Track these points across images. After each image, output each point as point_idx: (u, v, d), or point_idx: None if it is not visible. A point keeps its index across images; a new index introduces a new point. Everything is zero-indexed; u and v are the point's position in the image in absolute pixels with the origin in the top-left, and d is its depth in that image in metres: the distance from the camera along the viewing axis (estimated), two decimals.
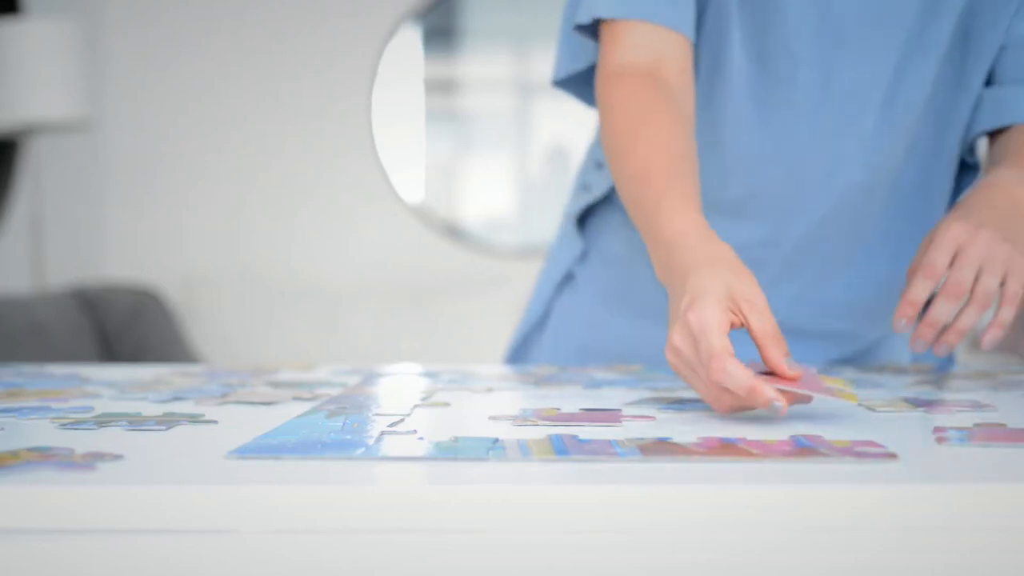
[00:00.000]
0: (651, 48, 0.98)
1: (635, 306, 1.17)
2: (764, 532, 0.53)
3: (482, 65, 3.73)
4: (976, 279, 0.89)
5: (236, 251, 3.52)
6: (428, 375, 1.02)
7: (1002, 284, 0.89)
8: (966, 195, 0.97)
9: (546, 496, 0.53)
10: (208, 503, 0.53)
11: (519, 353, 1.25)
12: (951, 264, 0.90)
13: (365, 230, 3.53)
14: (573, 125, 3.53)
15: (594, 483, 0.54)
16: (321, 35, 3.51)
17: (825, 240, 1.08)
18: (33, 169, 2.98)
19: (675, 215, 0.85)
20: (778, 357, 0.74)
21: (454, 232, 3.55)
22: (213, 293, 3.41)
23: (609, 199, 1.19)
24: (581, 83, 1.10)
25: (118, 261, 3.51)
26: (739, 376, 0.70)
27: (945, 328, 0.91)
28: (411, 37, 3.56)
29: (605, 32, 1.01)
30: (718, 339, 0.72)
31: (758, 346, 0.75)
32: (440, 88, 3.70)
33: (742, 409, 0.73)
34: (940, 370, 1.10)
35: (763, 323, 0.75)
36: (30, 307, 2.61)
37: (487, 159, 3.77)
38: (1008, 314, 0.90)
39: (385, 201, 3.52)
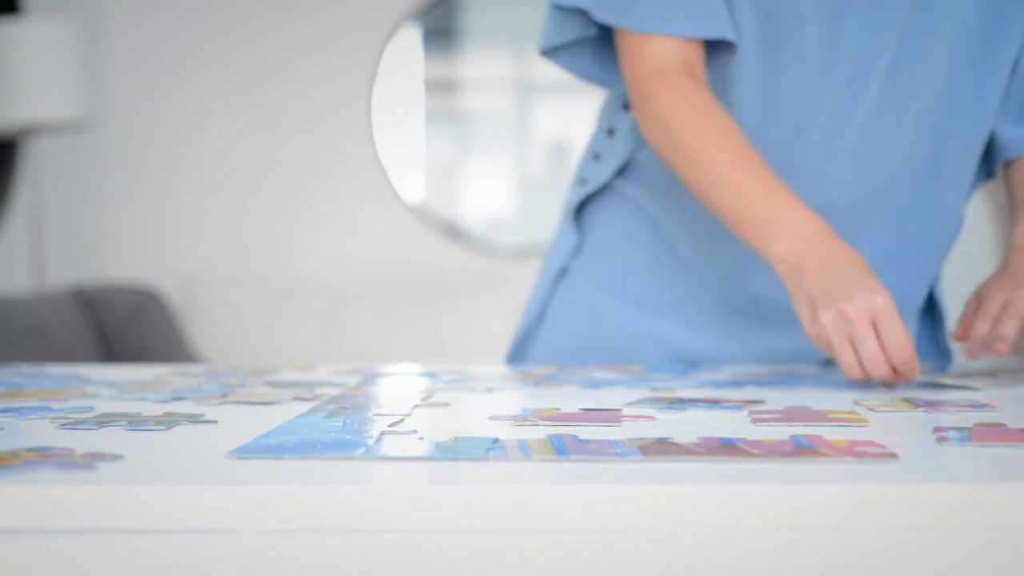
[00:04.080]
0: (679, 47, 1.03)
1: (630, 295, 1.17)
2: (764, 532, 0.53)
3: (482, 65, 3.73)
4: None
5: (236, 251, 3.53)
6: (428, 375, 1.02)
7: None
8: (1003, 264, 1.07)
9: (546, 496, 0.53)
10: (208, 503, 0.53)
11: (519, 351, 1.26)
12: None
13: (365, 230, 3.54)
14: (573, 125, 3.53)
15: (594, 483, 0.54)
16: (321, 35, 3.51)
17: (829, 210, 1.06)
18: (33, 169, 2.97)
19: (794, 207, 0.96)
20: None
21: (454, 232, 3.56)
22: (213, 293, 3.41)
23: (606, 189, 1.19)
24: (568, 54, 1.12)
25: (118, 261, 3.51)
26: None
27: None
28: (411, 37, 3.56)
29: (626, 34, 1.04)
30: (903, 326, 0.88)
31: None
32: (440, 88, 3.70)
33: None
34: (939, 369, 1.11)
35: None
36: (30, 307, 2.61)
37: (487, 159, 3.77)
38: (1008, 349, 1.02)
39: (385, 201, 3.52)
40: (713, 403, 0.80)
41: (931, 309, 1.23)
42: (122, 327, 2.93)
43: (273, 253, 3.53)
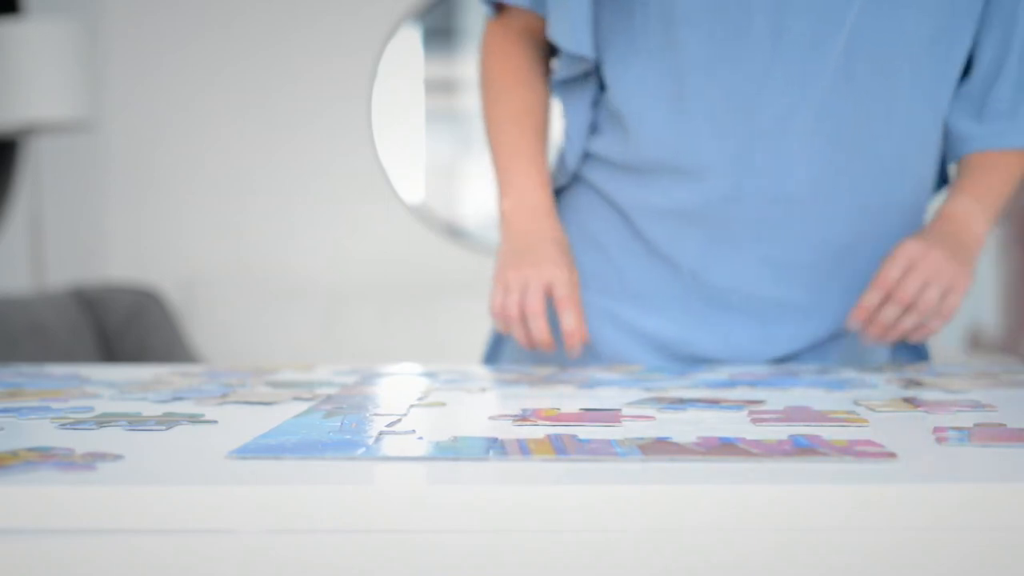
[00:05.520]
0: (529, 21, 1.18)
1: (602, 285, 1.18)
2: (764, 532, 0.53)
3: None
4: (922, 292, 1.05)
5: (236, 251, 3.53)
6: (427, 375, 1.02)
7: (944, 298, 1.06)
8: (926, 225, 1.11)
9: (546, 496, 0.53)
10: (208, 503, 0.53)
11: (494, 351, 1.26)
12: (904, 277, 1.05)
13: (365, 230, 3.54)
14: None
15: (594, 483, 0.54)
16: (321, 35, 3.51)
17: (786, 199, 1.09)
18: (33, 169, 2.98)
19: (530, 175, 1.15)
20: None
21: (454, 232, 3.56)
22: (213, 293, 3.41)
23: (576, 181, 1.21)
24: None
25: (118, 261, 3.51)
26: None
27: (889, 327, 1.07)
28: (411, 37, 3.56)
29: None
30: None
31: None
32: (440, 88, 3.70)
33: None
34: (916, 359, 1.18)
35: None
36: (30, 307, 2.61)
37: (487, 159, 3.77)
38: (938, 324, 1.08)
39: (385, 201, 3.52)
40: (713, 403, 0.80)
41: None
42: (122, 327, 2.93)
43: (273, 253, 3.53)
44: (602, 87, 1.16)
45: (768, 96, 1.06)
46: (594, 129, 1.17)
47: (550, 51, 1.23)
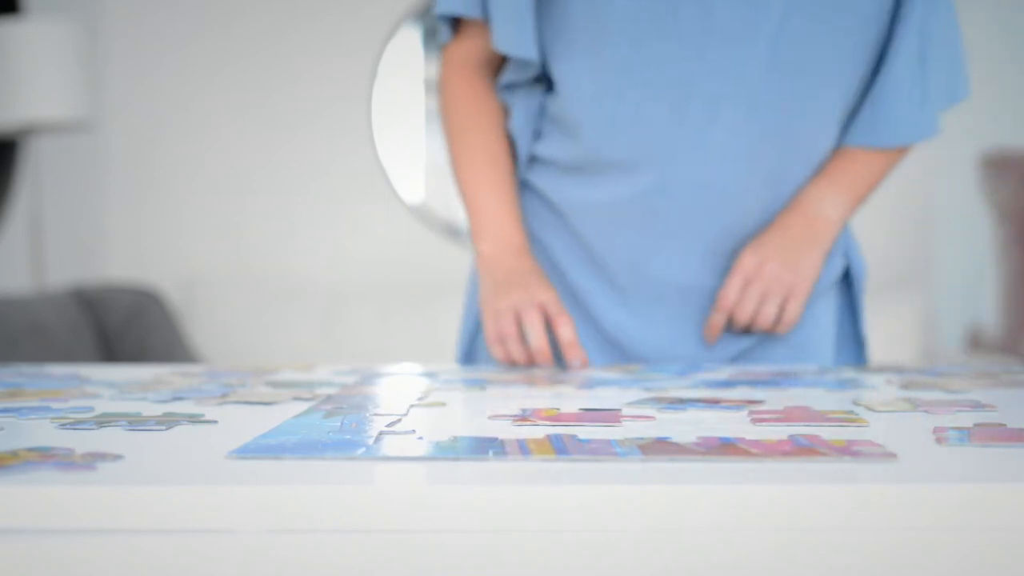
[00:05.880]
0: (486, 46, 1.18)
1: (554, 281, 1.19)
2: (763, 532, 0.53)
3: None
4: (760, 306, 1.11)
5: (236, 251, 3.53)
6: (427, 375, 1.02)
7: (783, 309, 1.12)
8: (778, 216, 1.14)
9: (546, 496, 0.53)
10: (208, 503, 0.53)
11: (468, 357, 1.26)
12: (742, 294, 1.11)
13: (365, 230, 3.53)
14: None
15: (594, 483, 0.54)
16: (321, 35, 3.51)
17: (713, 189, 1.11)
18: (33, 169, 2.98)
19: (504, 216, 1.16)
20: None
21: (454, 232, 3.55)
22: (213, 293, 3.41)
23: (523, 185, 1.23)
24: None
25: (118, 261, 3.51)
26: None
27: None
28: (411, 37, 3.56)
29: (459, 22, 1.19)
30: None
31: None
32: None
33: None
34: (859, 359, 1.23)
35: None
36: (30, 307, 2.61)
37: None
38: (784, 330, 1.13)
39: (385, 201, 3.52)
40: (713, 403, 0.80)
41: (848, 288, 1.25)
42: (122, 327, 2.93)
43: (273, 253, 3.53)
44: (549, 90, 1.19)
45: (697, 87, 1.08)
46: (538, 135, 1.20)
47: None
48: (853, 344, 1.24)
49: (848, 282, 1.24)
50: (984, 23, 3.88)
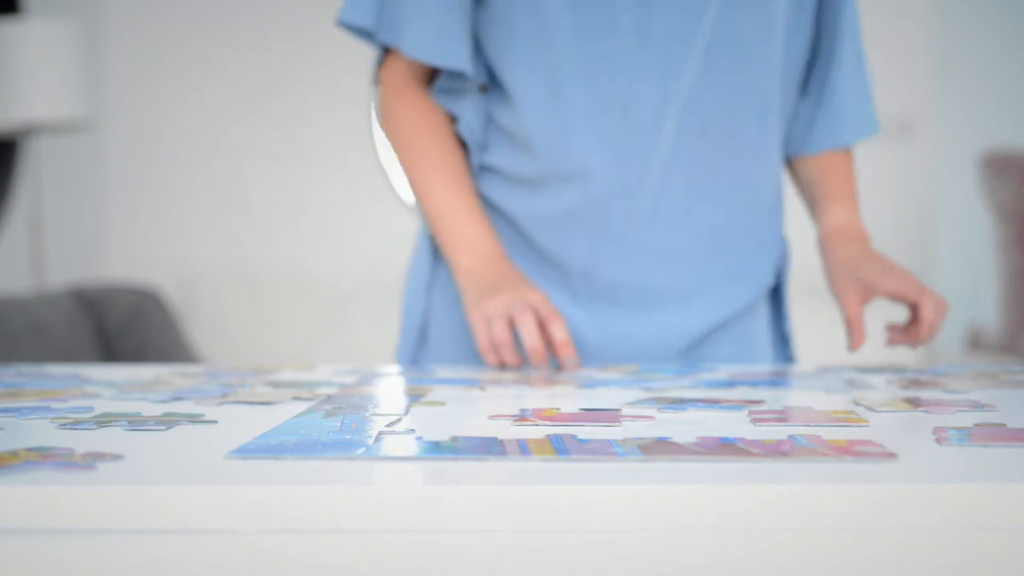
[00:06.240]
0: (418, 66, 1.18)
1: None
2: (763, 532, 0.53)
3: None
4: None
5: (236, 251, 3.52)
6: (426, 375, 1.02)
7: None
8: (832, 252, 1.15)
9: (546, 496, 0.53)
10: (208, 503, 0.53)
11: (415, 359, 1.25)
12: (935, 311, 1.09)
13: (365, 230, 3.53)
14: None
15: (594, 483, 0.54)
16: (321, 35, 3.50)
17: (664, 190, 1.13)
18: (33, 169, 2.98)
19: (478, 228, 1.16)
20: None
21: None
22: (213, 293, 3.41)
23: None
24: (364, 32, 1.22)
25: (118, 261, 3.51)
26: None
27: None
28: None
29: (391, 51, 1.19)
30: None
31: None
32: None
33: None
34: (787, 359, 1.25)
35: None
36: (30, 307, 2.61)
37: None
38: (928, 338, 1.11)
39: (385, 201, 3.52)
40: (713, 403, 0.80)
41: (776, 293, 1.28)
42: (122, 327, 2.93)
43: (273, 253, 3.53)
44: (494, 100, 1.19)
45: (640, 92, 1.10)
46: (484, 146, 1.20)
47: None
48: (779, 341, 1.27)
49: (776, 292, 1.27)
50: (984, 24, 3.88)
